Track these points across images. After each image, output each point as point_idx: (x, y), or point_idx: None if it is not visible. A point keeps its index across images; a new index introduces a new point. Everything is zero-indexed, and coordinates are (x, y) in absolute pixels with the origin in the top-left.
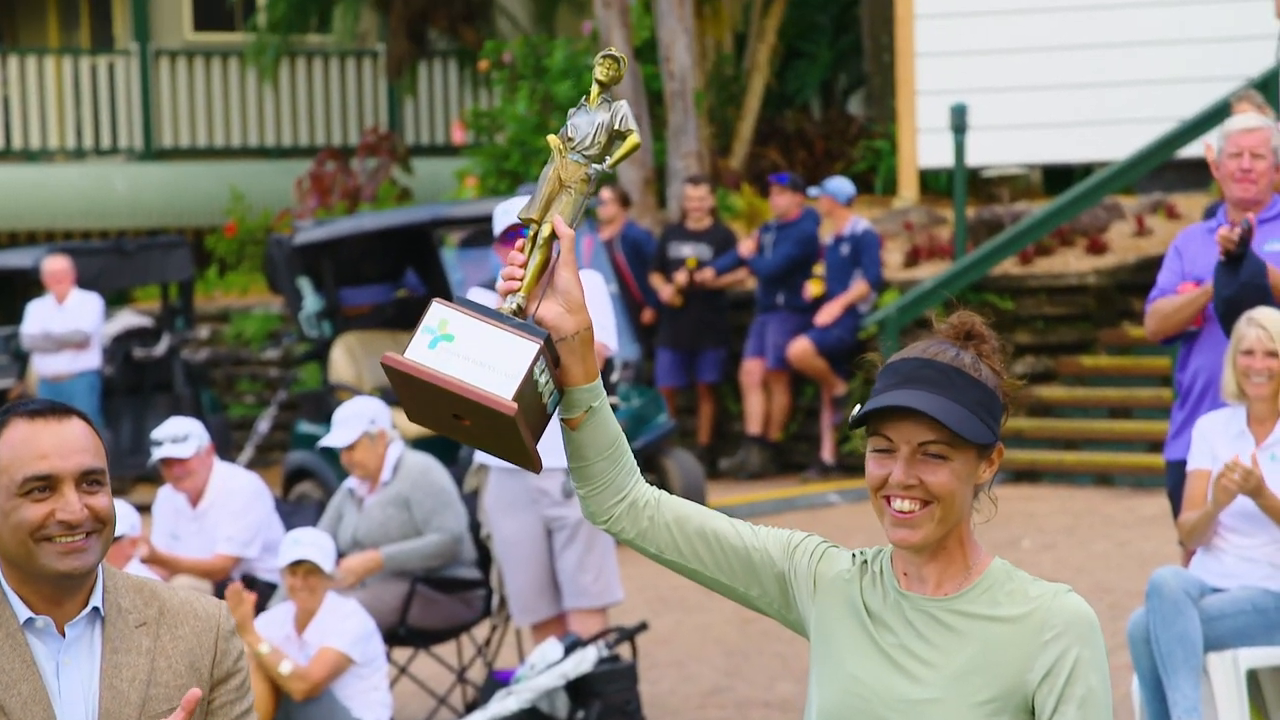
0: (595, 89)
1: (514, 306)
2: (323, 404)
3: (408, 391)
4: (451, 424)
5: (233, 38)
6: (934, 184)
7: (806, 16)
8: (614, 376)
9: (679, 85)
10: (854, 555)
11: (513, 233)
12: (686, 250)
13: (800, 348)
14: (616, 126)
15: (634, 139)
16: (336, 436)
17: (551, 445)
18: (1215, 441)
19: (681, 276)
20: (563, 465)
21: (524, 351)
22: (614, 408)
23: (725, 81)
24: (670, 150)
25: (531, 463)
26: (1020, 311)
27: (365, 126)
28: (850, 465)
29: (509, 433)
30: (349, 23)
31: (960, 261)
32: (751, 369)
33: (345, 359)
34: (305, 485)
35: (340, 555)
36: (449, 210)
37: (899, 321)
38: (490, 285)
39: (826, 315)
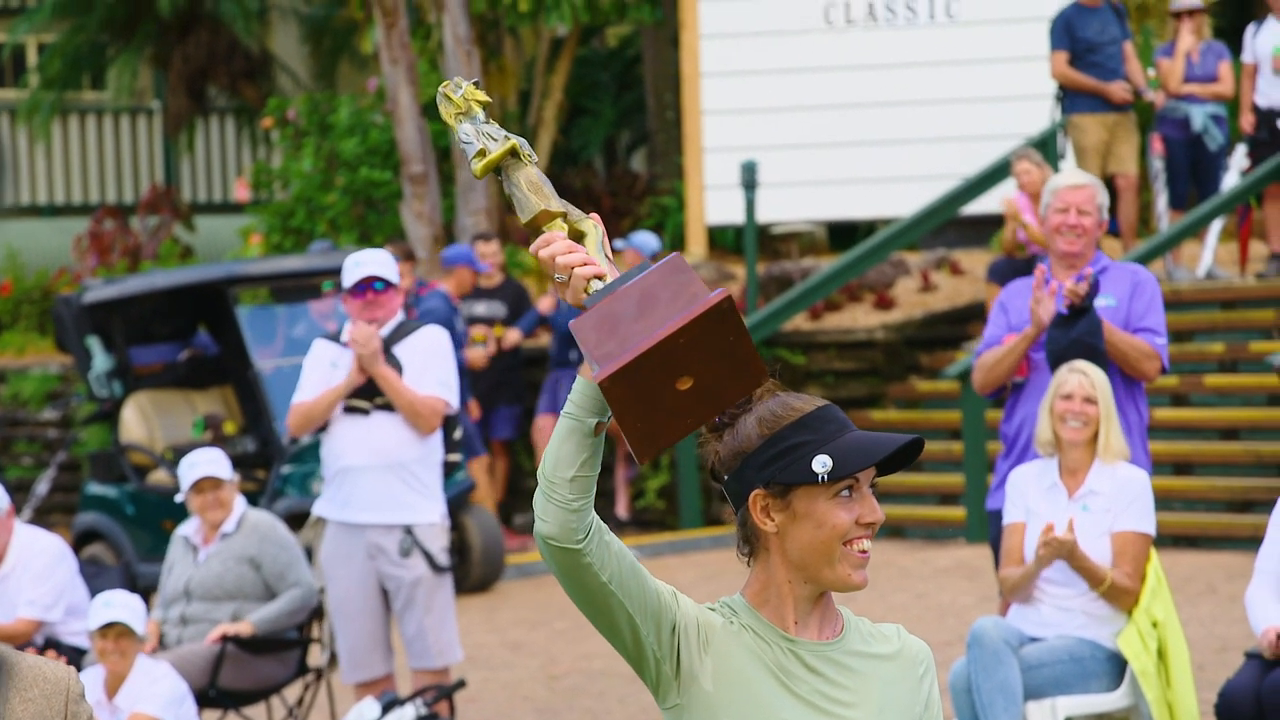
0: (481, 109)
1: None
2: (113, 464)
3: (633, 390)
4: (674, 408)
5: (4, 94)
6: (721, 240)
7: (589, 74)
8: (456, 433)
9: None
10: (714, 610)
11: (363, 285)
12: (479, 308)
13: None
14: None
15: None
16: (212, 469)
17: (396, 500)
18: (1028, 494)
19: (491, 347)
20: (401, 522)
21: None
22: (455, 465)
23: None
24: (459, 207)
25: (760, 369)
26: (811, 366)
27: (142, 184)
28: (645, 520)
29: (729, 337)
30: (125, 80)
31: (752, 317)
32: (545, 425)
33: (137, 418)
34: (95, 547)
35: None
36: (244, 268)
37: None
38: (334, 338)
39: None
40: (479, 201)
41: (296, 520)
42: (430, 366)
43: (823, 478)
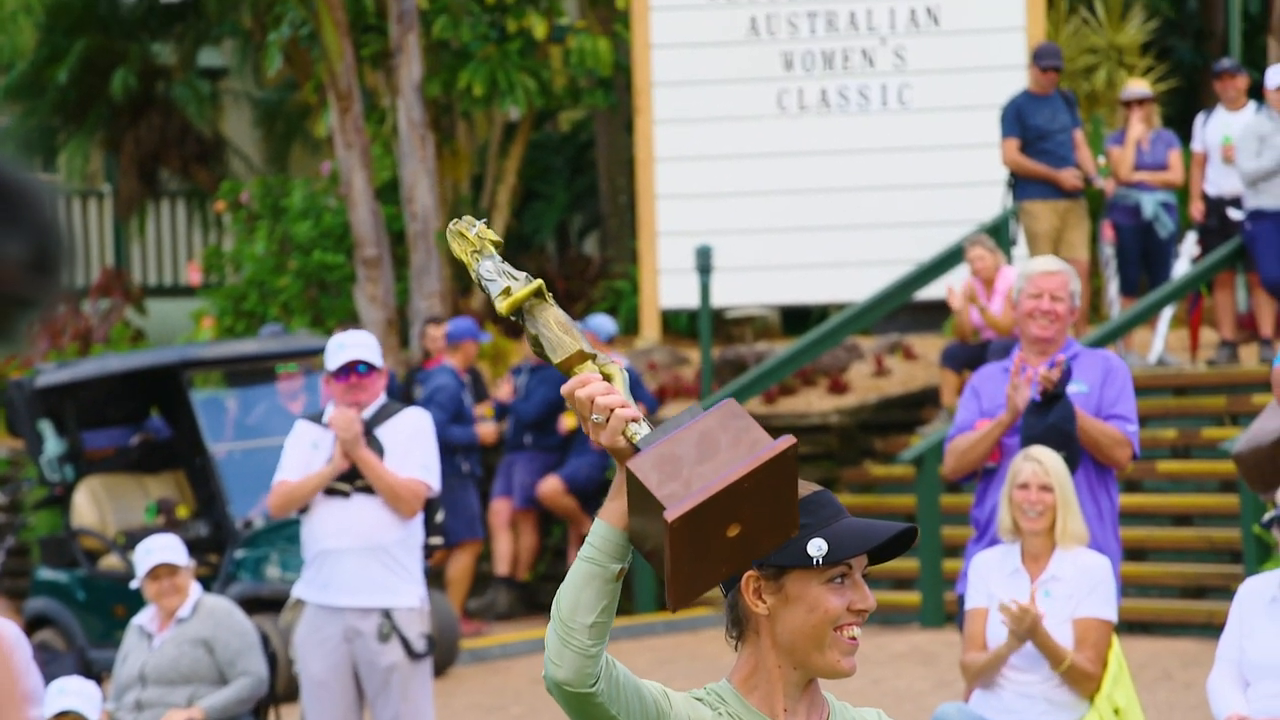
0: (494, 247)
1: (648, 429)
2: (65, 550)
3: (692, 533)
4: (718, 554)
5: None
6: (675, 324)
7: (543, 159)
8: (439, 517)
9: (421, 226)
10: (701, 699)
11: (348, 369)
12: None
13: (550, 486)
14: None
15: None
16: (169, 555)
17: (375, 583)
18: (991, 579)
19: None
20: (380, 606)
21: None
22: (432, 548)
23: None
24: (413, 290)
25: (796, 520)
26: None
27: (93, 267)
28: None
29: (784, 486)
30: (77, 163)
31: (705, 401)
32: (499, 509)
33: (89, 503)
34: (45, 633)
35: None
36: (198, 351)
37: None
38: (316, 419)
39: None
40: (432, 285)
41: (250, 605)
42: (413, 450)
43: (817, 561)
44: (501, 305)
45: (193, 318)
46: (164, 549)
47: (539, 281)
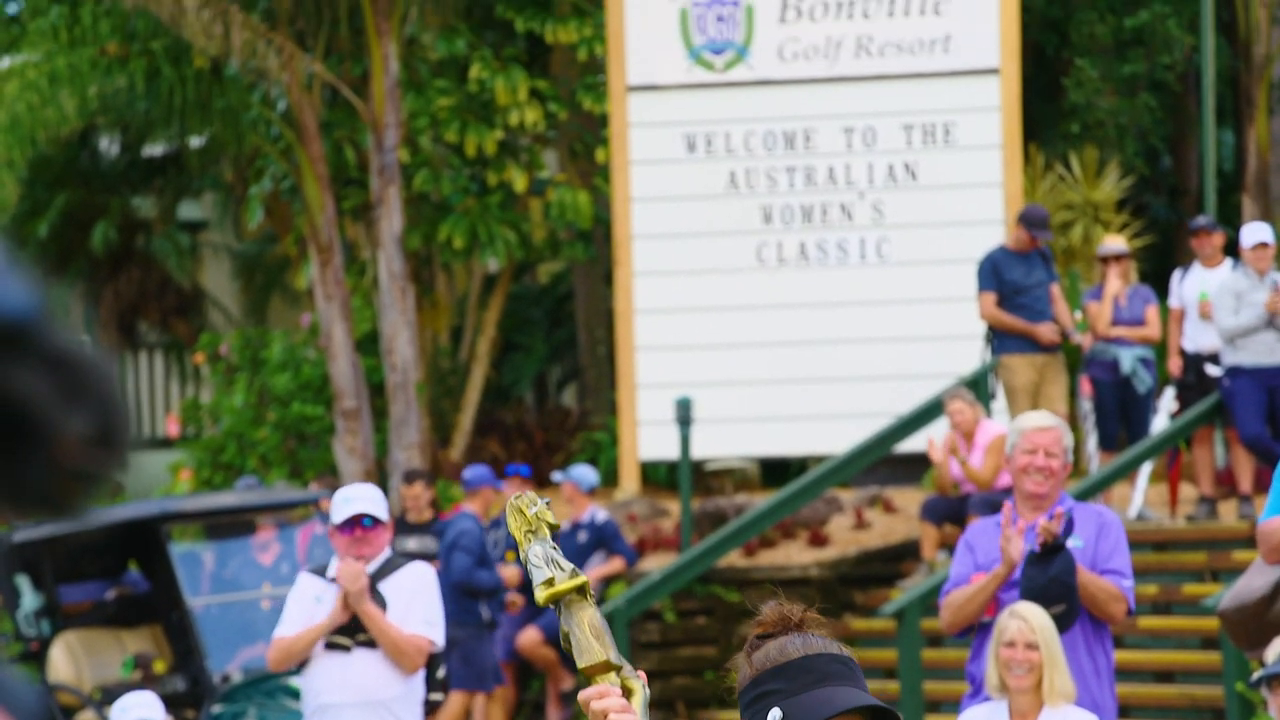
0: (549, 530)
1: None
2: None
3: None
4: None
5: None
6: (654, 476)
7: (521, 310)
8: (440, 672)
9: (401, 377)
10: None
11: (353, 522)
12: (411, 544)
13: (529, 637)
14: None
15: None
16: (144, 713)
17: None
18: None
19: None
20: None
21: None
22: (435, 703)
23: (443, 374)
24: (392, 442)
25: None
26: (746, 603)
27: None
28: None
29: None
30: (57, 316)
31: (687, 554)
32: None
33: (65, 658)
34: None
35: None
36: (178, 505)
37: (627, 614)
38: (319, 572)
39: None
40: (411, 436)
41: None
42: (416, 605)
43: None
44: (541, 595)
45: (170, 470)
46: (139, 706)
47: (584, 579)
